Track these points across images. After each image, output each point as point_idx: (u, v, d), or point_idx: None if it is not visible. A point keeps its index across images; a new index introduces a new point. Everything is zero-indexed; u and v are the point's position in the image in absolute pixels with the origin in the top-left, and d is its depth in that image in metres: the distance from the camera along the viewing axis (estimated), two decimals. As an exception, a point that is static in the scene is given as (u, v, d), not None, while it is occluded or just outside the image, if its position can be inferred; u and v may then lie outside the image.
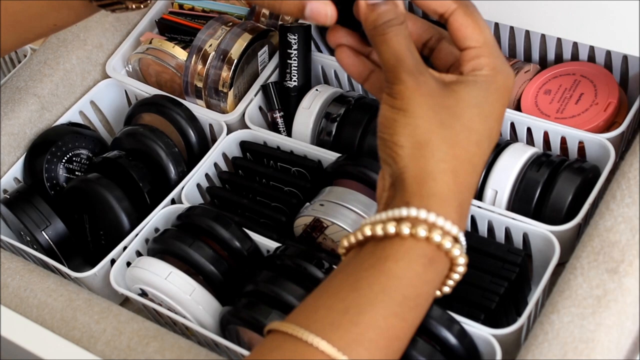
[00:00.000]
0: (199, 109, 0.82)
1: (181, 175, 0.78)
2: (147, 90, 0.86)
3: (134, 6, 0.64)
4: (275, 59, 0.84)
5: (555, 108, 0.75)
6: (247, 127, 0.80)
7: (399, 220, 0.50)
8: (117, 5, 0.64)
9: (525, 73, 0.78)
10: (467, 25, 0.53)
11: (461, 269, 0.51)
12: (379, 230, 0.50)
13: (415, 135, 0.50)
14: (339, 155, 0.75)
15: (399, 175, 0.51)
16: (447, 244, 0.49)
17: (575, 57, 0.79)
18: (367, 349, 0.48)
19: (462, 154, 0.50)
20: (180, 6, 0.90)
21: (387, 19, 0.52)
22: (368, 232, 0.50)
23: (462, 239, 0.51)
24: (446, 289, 0.53)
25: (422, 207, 0.49)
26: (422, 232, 0.49)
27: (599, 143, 0.71)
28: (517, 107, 0.77)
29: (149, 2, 0.65)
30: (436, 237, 0.49)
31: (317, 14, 0.56)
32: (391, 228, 0.49)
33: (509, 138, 0.75)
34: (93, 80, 0.88)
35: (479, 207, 0.69)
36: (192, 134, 0.81)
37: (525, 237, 0.68)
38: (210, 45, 0.81)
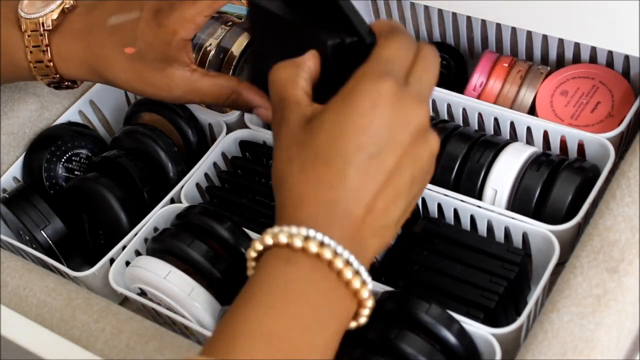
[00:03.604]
0: (198, 109, 0.82)
1: (180, 175, 0.78)
2: (147, 90, 0.85)
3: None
4: (274, 59, 0.83)
5: (570, 113, 0.74)
6: (246, 127, 0.80)
7: (253, 245, 0.55)
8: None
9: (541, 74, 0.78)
10: (378, 46, 0.56)
11: (338, 264, 0.52)
12: (251, 263, 0.55)
13: (274, 178, 0.56)
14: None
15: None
16: (297, 242, 0.52)
17: (576, 57, 0.78)
18: (240, 348, 0.49)
19: (311, 177, 0.53)
20: (180, 6, 0.90)
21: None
22: (250, 272, 0.56)
23: (320, 237, 0.52)
24: (361, 296, 0.53)
25: (274, 227, 0.54)
26: (268, 240, 0.53)
27: (599, 142, 0.71)
28: (532, 105, 0.77)
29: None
30: (282, 239, 0.52)
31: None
32: (251, 253, 0.55)
33: (508, 137, 0.75)
34: (92, 79, 0.88)
35: (478, 206, 0.69)
36: (191, 133, 0.81)
37: (525, 237, 0.68)
38: (210, 45, 0.81)
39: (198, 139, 0.81)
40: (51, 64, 0.72)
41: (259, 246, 0.53)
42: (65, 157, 0.82)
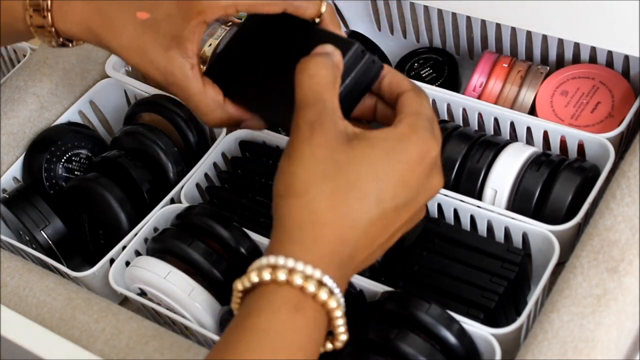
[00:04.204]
0: (198, 109, 0.82)
1: (180, 175, 0.78)
2: (147, 90, 0.85)
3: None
4: (274, 59, 0.83)
5: (570, 113, 0.74)
6: (246, 127, 0.80)
7: (260, 269, 0.50)
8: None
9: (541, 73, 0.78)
10: (412, 99, 0.56)
11: (338, 313, 0.50)
12: (247, 283, 0.50)
13: (293, 184, 0.51)
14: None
15: (275, 222, 0.52)
16: (311, 287, 0.49)
17: (576, 57, 0.78)
18: None
19: (340, 207, 0.50)
20: (180, 6, 0.90)
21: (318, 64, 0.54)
22: (240, 286, 0.51)
23: (332, 285, 0.50)
24: (340, 339, 0.52)
25: (281, 254, 0.49)
26: (281, 276, 0.48)
27: (599, 143, 0.71)
28: (532, 106, 0.77)
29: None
30: (297, 280, 0.48)
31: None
32: (254, 277, 0.50)
33: (508, 137, 0.75)
34: (92, 79, 0.88)
35: (478, 206, 0.69)
36: (191, 133, 0.81)
37: (525, 237, 0.68)
38: (210, 45, 0.81)
39: (198, 139, 0.81)
40: (49, 15, 0.64)
41: (266, 276, 0.49)
42: (65, 157, 0.82)
